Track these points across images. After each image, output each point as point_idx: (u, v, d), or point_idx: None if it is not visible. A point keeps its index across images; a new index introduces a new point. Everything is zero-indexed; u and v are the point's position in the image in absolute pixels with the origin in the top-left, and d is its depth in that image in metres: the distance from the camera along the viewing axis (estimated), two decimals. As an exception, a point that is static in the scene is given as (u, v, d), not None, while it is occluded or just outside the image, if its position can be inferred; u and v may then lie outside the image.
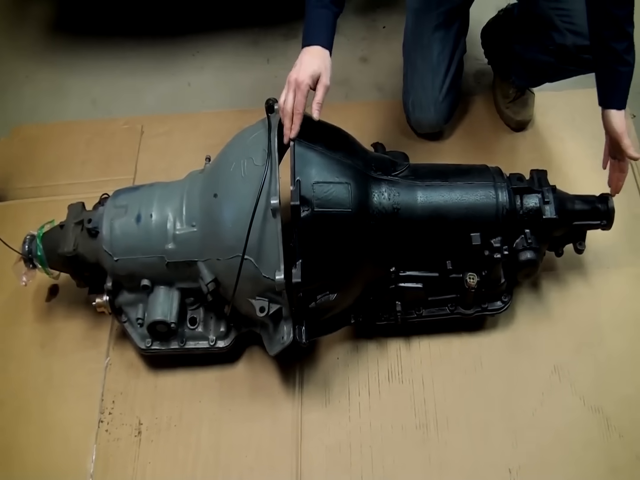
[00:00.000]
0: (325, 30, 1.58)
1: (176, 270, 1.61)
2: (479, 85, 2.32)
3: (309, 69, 1.49)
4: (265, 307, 1.52)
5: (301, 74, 1.48)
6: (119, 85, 2.54)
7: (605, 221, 1.66)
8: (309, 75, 1.48)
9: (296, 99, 1.47)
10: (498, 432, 1.62)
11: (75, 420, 1.70)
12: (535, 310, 1.78)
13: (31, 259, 1.69)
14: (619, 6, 1.47)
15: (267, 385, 1.71)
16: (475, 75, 2.34)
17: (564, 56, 1.78)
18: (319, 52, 1.55)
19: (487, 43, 2.19)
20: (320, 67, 1.51)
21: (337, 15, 1.61)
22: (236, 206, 1.50)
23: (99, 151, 2.22)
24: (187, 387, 1.72)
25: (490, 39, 2.17)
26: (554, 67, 1.86)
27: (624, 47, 1.51)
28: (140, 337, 1.68)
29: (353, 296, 1.63)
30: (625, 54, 1.52)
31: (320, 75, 1.50)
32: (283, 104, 1.49)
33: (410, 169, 1.67)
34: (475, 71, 2.35)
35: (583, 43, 1.68)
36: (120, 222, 1.62)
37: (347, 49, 2.56)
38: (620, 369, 1.68)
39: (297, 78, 1.48)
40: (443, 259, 1.63)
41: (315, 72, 1.49)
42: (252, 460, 1.62)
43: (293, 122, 1.48)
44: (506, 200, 1.61)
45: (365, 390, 1.70)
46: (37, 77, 2.61)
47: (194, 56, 2.60)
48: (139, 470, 1.63)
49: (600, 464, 1.56)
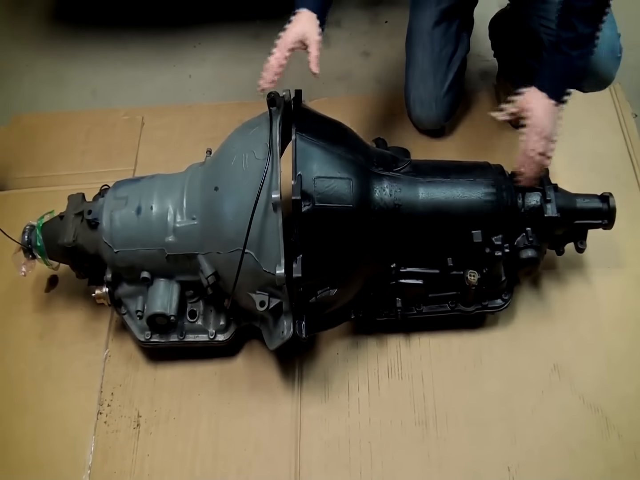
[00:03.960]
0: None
1: (176, 263, 1.60)
2: (482, 83, 2.31)
3: (292, 29, 1.55)
4: (265, 301, 1.51)
5: (285, 34, 1.55)
6: (119, 75, 2.53)
7: (606, 220, 1.66)
8: (292, 33, 1.54)
9: (274, 57, 1.53)
10: (497, 430, 1.62)
11: (73, 412, 1.70)
12: (536, 308, 1.78)
13: (30, 249, 1.68)
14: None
15: (267, 380, 1.71)
16: (479, 74, 2.34)
17: None
18: (306, 15, 1.58)
19: (494, 35, 2.17)
20: (305, 27, 1.55)
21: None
22: (237, 200, 1.49)
23: (99, 142, 2.21)
24: (186, 380, 1.72)
25: (497, 31, 2.15)
26: None
27: (569, 37, 1.50)
28: (140, 330, 1.68)
29: (353, 292, 1.63)
30: (564, 44, 1.51)
31: (306, 33, 1.54)
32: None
33: (412, 165, 1.66)
34: (479, 69, 2.35)
35: None
36: (120, 214, 1.61)
37: (349, 43, 2.56)
38: (620, 368, 1.68)
39: (282, 38, 1.55)
40: (444, 255, 1.63)
41: (299, 31, 1.54)
42: (250, 454, 1.62)
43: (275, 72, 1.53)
44: (508, 198, 1.61)
45: (364, 386, 1.70)
46: (38, 66, 2.60)
47: (195, 48, 2.59)
48: (138, 462, 1.62)
49: (599, 463, 1.56)
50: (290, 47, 1.54)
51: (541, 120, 1.54)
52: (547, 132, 1.54)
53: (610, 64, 1.64)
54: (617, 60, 1.65)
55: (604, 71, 1.65)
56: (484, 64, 2.33)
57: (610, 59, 1.63)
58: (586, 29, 1.50)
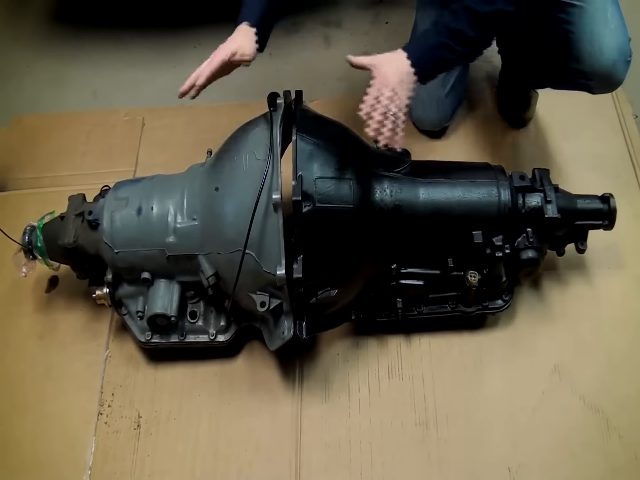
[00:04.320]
0: (250, 9, 1.63)
1: (177, 263, 1.60)
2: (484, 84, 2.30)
3: (226, 44, 1.57)
4: (266, 301, 1.51)
5: (219, 48, 1.57)
6: (120, 76, 2.53)
7: (607, 221, 1.66)
8: (225, 48, 1.55)
9: (202, 66, 1.56)
10: (498, 431, 1.61)
11: (74, 412, 1.70)
12: (536, 309, 1.77)
13: (31, 249, 1.68)
14: (480, 2, 1.49)
15: (267, 380, 1.71)
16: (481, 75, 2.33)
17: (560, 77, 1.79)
18: (243, 29, 1.60)
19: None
20: (240, 43, 1.57)
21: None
22: (237, 200, 1.49)
23: (100, 142, 2.21)
24: (186, 381, 1.72)
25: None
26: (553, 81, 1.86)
27: (454, 27, 1.51)
28: (140, 330, 1.68)
29: (354, 292, 1.63)
30: (444, 29, 1.51)
31: (240, 49, 1.56)
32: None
33: (412, 165, 1.66)
34: (482, 70, 2.34)
35: (578, 68, 1.68)
36: (121, 215, 1.61)
37: (350, 43, 2.56)
38: (620, 369, 1.67)
39: (215, 52, 1.57)
40: (444, 256, 1.62)
41: (233, 47, 1.56)
42: (251, 455, 1.62)
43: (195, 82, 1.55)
44: (508, 199, 1.60)
45: (365, 386, 1.69)
46: (38, 67, 2.60)
47: (195, 48, 2.59)
48: (138, 463, 1.62)
49: (599, 464, 1.56)
50: (220, 62, 1.55)
51: (390, 77, 1.51)
52: (392, 89, 1.50)
53: (620, 67, 1.64)
54: (627, 64, 1.65)
55: (614, 74, 1.65)
56: (486, 65, 2.33)
57: (620, 62, 1.63)
58: (469, 30, 1.50)
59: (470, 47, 1.56)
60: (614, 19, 1.62)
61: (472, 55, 1.62)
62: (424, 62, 1.54)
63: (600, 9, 1.61)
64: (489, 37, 1.56)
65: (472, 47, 1.57)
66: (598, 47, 1.61)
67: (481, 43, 1.58)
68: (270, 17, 1.64)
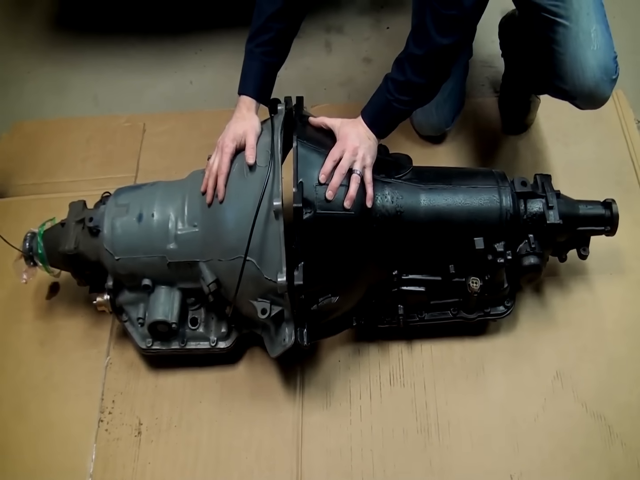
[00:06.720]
0: (253, 81, 1.62)
1: (177, 270, 1.60)
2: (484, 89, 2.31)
3: (231, 134, 1.55)
4: (266, 308, 1.51)
5: (225, 139, 1.55)
6: (120, 82, 2.54)
7: (609, 227, 1.65)
8: (231, 139, 1.53)
9: (221, 161, 1.52)
10: (500, 438, 1.61)
11: (74, 420, 1.69)
12: (538, 315, 1.77)
13: (32, 256, 1.68)
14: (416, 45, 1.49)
15: (268, 387, 1.70)
16: (482, 80, 2.33)
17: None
18: (246, 104, 1.60)
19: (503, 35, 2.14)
20: (245, 128, 1.55)
21: (269, 65, 1.63)
22: (238, 207, 1.49)
23: (101, 149, 2.21)
24: (187, 388, 1.72)
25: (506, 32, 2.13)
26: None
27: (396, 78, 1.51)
28: (141, 337, 1.67)
29: (355, 299, 1.63)
30: (391, 82, 1.52)
31: (246, 132, 1.55)
32: (211, 164, 1.55)
33: (414, 171, 1.66)
34: (482, 75, 2.34)
35: (562, 87, 1.68)
36: (121, 221, 1.61)
37: (351, 49, 2.56)
38: (623, 376, 1.67)
39: (222, 142, 1.55)
40: (446, 262, 1.62)
41: (239, 135, 1.54)
42: (252, 462, 1.61)
43: (217, 182, 1.52)
44: (510, 205, 1.60)
45: (366, 393, 1.69)
46: (39, 73, 2.60)
47: (196, 54, 2.60)
48: (139, 470, 1.62)
49: (601, 471, 1.55)
50: (232, 152, 1.54)
51: (350, 139, 1.51)
52: (353, 149, 1.50)
53: (604, 86, 1.63)
54: (612, 82, 1.64)
55: (597, 93, 1.65)
56: (487, 70, 2.33)
57: (604, 81, 1.62)
58: (415, 77, 1.49)
59: (423, 91, 1.55)
60: (597, 39, 1.61)
61: (429, 96, 1.59)
62: (379, 123, 1.56)
63: (584, 29, 1.60)
64: (440, 78, 1.55)
65: (425, 91, 1.55)
66: (580, 68, 1.61)
67: (434, 84, 1.55)
68: (266, 88, 1.64)
